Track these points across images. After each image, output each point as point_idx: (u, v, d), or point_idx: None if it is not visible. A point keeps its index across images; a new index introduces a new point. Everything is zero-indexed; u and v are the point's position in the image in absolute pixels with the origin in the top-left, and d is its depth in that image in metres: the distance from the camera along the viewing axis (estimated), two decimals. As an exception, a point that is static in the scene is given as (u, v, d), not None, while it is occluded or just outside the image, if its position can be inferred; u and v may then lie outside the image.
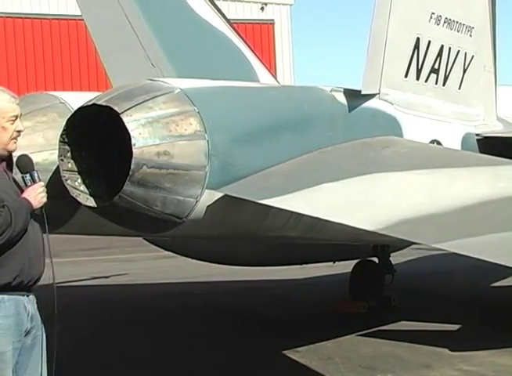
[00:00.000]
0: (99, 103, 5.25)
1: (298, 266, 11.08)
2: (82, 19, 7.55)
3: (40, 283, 4.36)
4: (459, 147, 8.14)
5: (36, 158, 5.11)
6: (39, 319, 4.32)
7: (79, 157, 5.33)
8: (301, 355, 7.87)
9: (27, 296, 4.24)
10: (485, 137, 8.57)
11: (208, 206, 5.50)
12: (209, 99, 5.83)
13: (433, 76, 8.01)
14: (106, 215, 5.25)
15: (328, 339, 8.48)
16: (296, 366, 7.52)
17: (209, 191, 5.46)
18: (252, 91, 6.58)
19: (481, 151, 8.27)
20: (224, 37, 7.96)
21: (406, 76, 7.63)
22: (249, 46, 8.29)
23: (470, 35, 8.46)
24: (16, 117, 4.25)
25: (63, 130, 5.26)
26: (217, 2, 8.24)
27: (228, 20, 8.19)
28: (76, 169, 5.31)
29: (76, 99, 5.60)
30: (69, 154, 5.29)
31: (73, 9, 19.08)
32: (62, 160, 5.26)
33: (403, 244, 9.78)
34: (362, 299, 10.17)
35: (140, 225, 5.52)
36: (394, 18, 7.23)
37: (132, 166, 5.12)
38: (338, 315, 9.89)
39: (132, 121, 5.22)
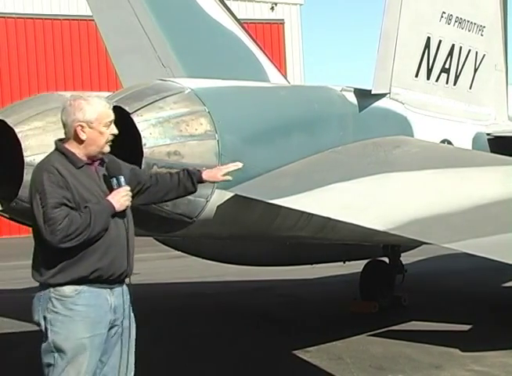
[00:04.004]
0: (109, 103, 5.25)
1: (309, 266, 11.06)
2: (93, 20, 7.57)
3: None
4: (470, 147, 8.12)
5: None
6: (127, 311, 4.53)
7: (90, 157, 5.33)
8: (311, 355, 7.86)
9: (111, 289, 4.43)
10: (496, 137, 8.54)
11: (218, 206, 5.50)
12: (219, 99, 5.83)
13: (444, 75, 7.99)
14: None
15: (338, 339, 8.46)
16: (306, 366, 7.51)
17: (219, 191, 5.47)
18: (262, 91, 6.58)
19: (492, 151, 8.24)
20: (234, 37, 7.95)
21: (417, 75, 7.61)
22: (259, 46, 8.29)
23: (482, 34, 8.43)
24: (111, 121, 4.47)
25: (74, 130, 5.26)
26: (227, 2, 8.23)
27: (238, 20, 8.18)
28: (87, 169, 5.32)
29: (87, 100, 5.60)
30: (80, 154, 5.29)
31: (84, 10, 19.14)
32: (73, 160, 5.27)
33: (414, 244, 9.75)
34: (373, 299, 10.15)
35: (151, 225, 5.53)
36: (405, 17, 7.21)
37: (143, 166, 5.14)
38: (349, 315, 9.88)
39: (143, 121, 5.23)
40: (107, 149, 4.48)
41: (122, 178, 4.45)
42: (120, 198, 4.40)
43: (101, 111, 4.40)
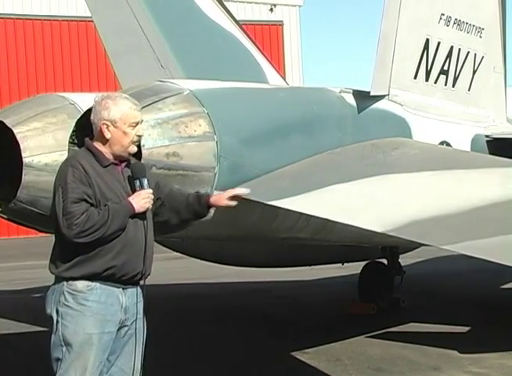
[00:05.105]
0: (108, 104, 5.24)
1: (307, 268, 11.07)
2: (92, 21, 7.57)
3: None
4: (468, 149, 8.12)
5: (45, 159, 5.14)
6: (138, 312, 4.57)
7: (88, 158, 5.33)
8: (309, 356, 7.86)
9: (123, 289, 4.49)
10: (495, 138, 8.54)
11: (217, 207, 5.50)
12: (218, 100, 5.83)
13: (442, 77, 7.99)
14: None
15: (337, 341, 8.46)
16: (304, 367, 7.51)
17: (218, 192, 5.46)
18: (261, 92, 6.58)
19: (491, 152, 8.25)
20: (233, 39, 7.96)
21: (416, 77, 7.62)
22: (258, 47, 8.29)
23: (480, 36, 8.44)
24: (137, 123, 4.53)
25: (73, 131, 5.27)
26: (226, 3, 8.23)
27: (237, 21, 8.19)
28: (85, 170, 5.32)
29: (85, 101, 5.60)
30: (78, 155, 5.29)
31: (83, 11, 19.13)
32: (71, 161, 5.26)
33: (412, 246, 9.75)
34: (372, 301, 10.14)
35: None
36: (404, 19, 7.22)
37: (141, 167, 5.12)
38: (347, 316, 9.88)
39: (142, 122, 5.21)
40: (133, 149, 4.55)
41: (145, 181, 4.50)
42: (141, 200, 4.46)
43: (126, 111, 4.47)
